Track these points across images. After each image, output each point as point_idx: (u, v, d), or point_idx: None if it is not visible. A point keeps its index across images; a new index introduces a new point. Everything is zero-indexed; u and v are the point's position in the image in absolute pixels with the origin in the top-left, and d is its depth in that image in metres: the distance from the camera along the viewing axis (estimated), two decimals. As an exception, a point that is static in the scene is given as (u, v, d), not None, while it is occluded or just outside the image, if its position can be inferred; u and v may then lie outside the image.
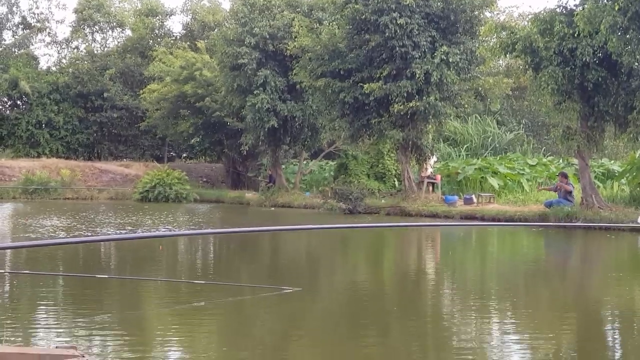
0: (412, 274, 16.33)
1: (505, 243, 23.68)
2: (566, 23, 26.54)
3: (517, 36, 28.16)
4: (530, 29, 28.13)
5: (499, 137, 51.93)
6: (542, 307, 12.10)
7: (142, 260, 16.98)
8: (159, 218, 29.66)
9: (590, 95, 27.32)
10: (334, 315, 11.19)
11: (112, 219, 28.86)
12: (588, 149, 28.79)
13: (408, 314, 11.27)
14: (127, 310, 11.10)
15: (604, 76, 26.50)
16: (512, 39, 28.33)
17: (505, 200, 33.60)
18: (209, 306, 11.36)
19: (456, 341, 9.47)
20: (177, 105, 51.65)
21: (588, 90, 27.05)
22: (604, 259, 19.52)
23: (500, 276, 16.24)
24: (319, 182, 46.55)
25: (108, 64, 64.27)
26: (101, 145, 64.82)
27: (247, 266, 16.66)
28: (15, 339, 8.80)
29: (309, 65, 37.12)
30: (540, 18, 27.99)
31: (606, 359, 8.72)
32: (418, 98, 33.73)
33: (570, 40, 26.38)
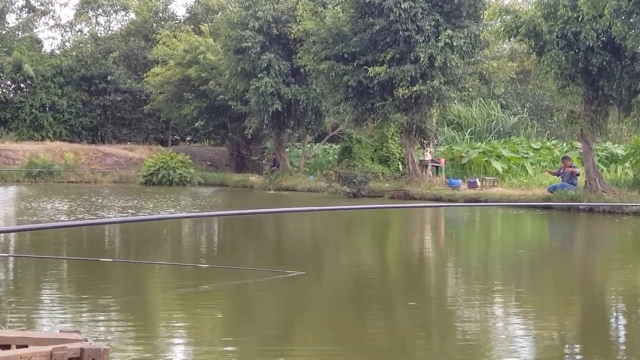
0: (415, 257, 16.32)
1: (509, 226, 23.67)
2: (570, 7, 26.45)
3: (521, 20, 28.09)
4: (534, 12, 28.06)
5: (503, 120, 51.87)
6: (547, 291, 12.09)
7: (146, 244, 16.98)
8: (163, 201, 29.65)
9: (594, 79, 27.26)
10: (338, 299, 11.17)
11: (115, 202, 28.85)
12: (592, 132, 28.75)
13: (412, 297, 11.26)
14: (131, 294, 11.09)
15: (608, 60, 26.44)
16: (516, 23, 28.26)
17: (509, 184, 33.60)
18: (214, 290, 11.35)
19: (460, 324, 9.46)
20: (181, 89, 51.59)
21: (592, 74, 26.99)
22: (607, 242, 19.51)
23: (504, 259, 16.22)
24: (322, 166, 46.52)
25: (112, 47, 64.16)
26: (105, 129, 64.76)
27: (251, 250, 16.66)
28: (19, 323, 8.79)
29: (312, 49, 37.04)
30: (544, 2, 27.90)
31: (611, 342, 8.70)
32: (422, 82, 33.65)
33: (574, 24, 26.30)
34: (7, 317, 8.98)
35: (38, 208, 25.12)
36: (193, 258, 14.60)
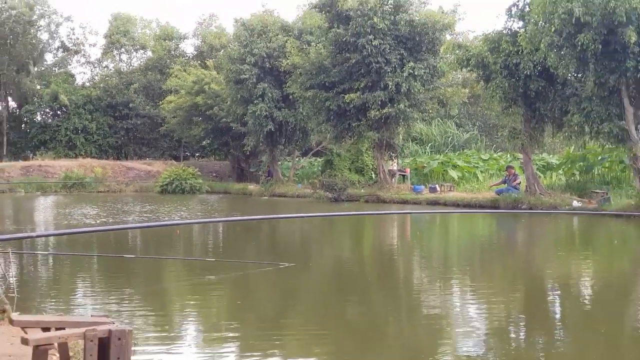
0: (387, 251, 16.32)
1: (465, 224, 23.71)
2: (511, 42, 26.56)
3: (471, 53, 28.20)
4: (481, 47, 28.15)
5: (457, 136, 51.99)
6: (495, 277, 12.12)
7: (162, 242, 16.93)
8: (176, 207, 29.56)
9: (532, 102, 27.34)
10: (323, 285, 11.17)
11: (136, 208, 28.74)
12: (530, 145, 28.85)
13: (385, 284, 11.26)
14: (150, 285, 11.06)
15: (543, 86, 26.54)
16: (467, 56, 28.36)
17: (463, 188, 33.63)
18: (219, 280, 11.33)
19: (424, 303, 9.47)
20: (190, 114, 51.52)
21: (530, 97, 27.08)
22: (544, 237, 19.57)
23: (460, 251, 16.26)
24: (309, 176, 46.46)
25: (133, 80, 64.07)
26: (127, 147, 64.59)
27: (250, 246, 16.64)
28: (57, 310, 8.75)
29: (299, 79, 37.11)
30: (489, 38, 28.01)
31: (548, 318, 8.73)
32: (390, 105, 33.74)
33: (514, 56, 26.40)
34: (47, 305, 8.94)
35: (72, 213, 25.02)
36: (201, 253, 14.56)
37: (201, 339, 7.69)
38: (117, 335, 3.00)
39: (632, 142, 23.68)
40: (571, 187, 28.70)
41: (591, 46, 22.11)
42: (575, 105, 24.74)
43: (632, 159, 24.29)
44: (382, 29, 33.43)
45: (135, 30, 69.10)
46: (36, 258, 13.39)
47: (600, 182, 28.62)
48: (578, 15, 21.79)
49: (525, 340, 7.76)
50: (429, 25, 34.16)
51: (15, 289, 8.92)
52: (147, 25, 70.29)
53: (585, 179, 29.55)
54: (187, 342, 7.53)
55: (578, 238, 19.43)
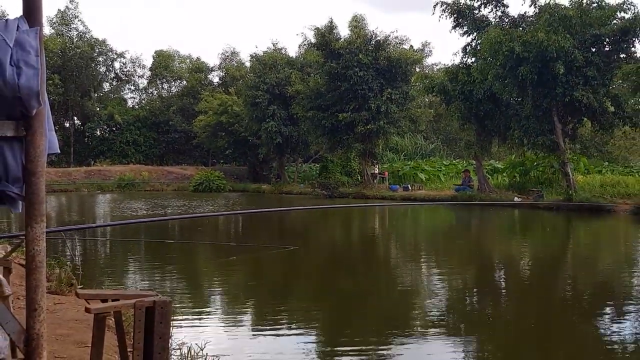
0: (370, 236, 16.34)
1: (430, 216, 23.73)
2: (466, 73, 26.58)
3: (435, 82, 28.23)
4: (443, 77, 28.17)
5: (424, 147, 51.94)
6: (455, 257, 12.14)
7: (195, 230, 16.92)
8: (205, 202, 29.51)
9: (482, 120, 27.34)
10: (320, 264, 11.18)
11: (175, 203, 28.68)
12: (481, 154, 28.86)
13: (367, 265, 11.28)
14: (186, 264, 11.06)
15: (491, 107, 26.55)
16: (432, 84, 28.38)
17: (430, 187, 33.58)
18: (238, 259, 11.33)
19: (399, 282, 9.48)
20: (216, 129, 51.37)
21: (481, 116, 27.10)
22: (492, 226, 19.59)
23: (426, 236, 16.27)
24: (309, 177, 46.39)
25: (171, 103, 63.95)
26: (168, 156, 64.41)
27: (263, 233, 16.64)
28: (113, 284, 8.76)
29: (301, 103, 37.10)
30: (449, 70, 28.04)
31: (495, 289, 8.75)
32: (372, 123, 33.74)
33: (468, 84, 26.42)
34: (105, 280, 8.94)
35: (125, 207, 24.97)
36: (226, 239, 14.56)
37: (225, 306, 7.70)
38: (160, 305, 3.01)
39: (561, 151, 23.73)
40: (513, 187, 28.70)
41: (529, 76, 22.16)
42: (516, 122, 24.76)
43: (561, 165, 24.33)
44: (366, 63, 33.47)
45: (173, 64, 69.00)
46: (96, 243, 13.39)
47: (535, 183, 28.62)
48: (518, 52, 21.84)
49: (477, 306, 7.77)
50: (403, 60, 34.16)
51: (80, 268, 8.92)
52: (183, 61, 70.13)
53: (524, 180, 29.53)
54: (215, 309, 7.53)
55: (518, 226, 19.45)
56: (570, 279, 9.73)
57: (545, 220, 20.27)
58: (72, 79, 59.03)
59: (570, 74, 22.17)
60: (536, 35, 21.52)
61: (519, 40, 22.06)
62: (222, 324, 6.76)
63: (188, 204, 27.89)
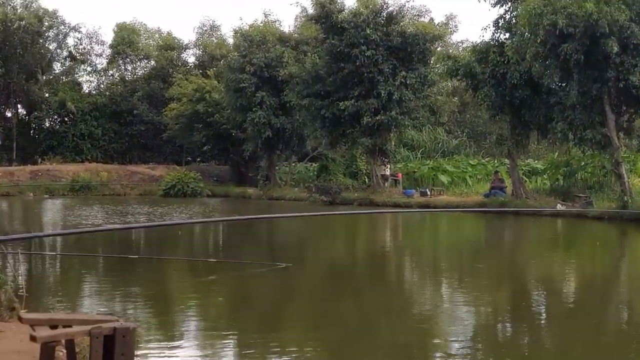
0: (379, 251, 16.33)
1: (453, 226, 23.73)
2: (498, 53, 26.61)
3: (460, 64, 28.26)
4: (469, 58, 28.20)
5: (446, 142, 51.90)
6: (483, 277, 12.12)
7: (164, 243, 16.90)
8: (178, 209, 29.50)
9: (518, 110, 27.37)
10: (317, 285, 11.17)
11: (141, 210, 28.66)
12: (516, 151, 28.88)
13: (377, 282, 11.26)
14: (153, 284, 11.04)
15: (528, 94, 26.58)
16: (456, 66, 28.42)
17: (452, 192, 33.60)
18: (219, 279, 11.31)
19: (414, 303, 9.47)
20: (192, 121, 51.34)
21: (516, 105, 27.11)
22: (530, 239, 19.59)
23: (449, 252, 16.26)
24: (305, 180, 46.34)
25: (137, 88, 63.94)
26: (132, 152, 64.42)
27: (248, 247, 16.62)
28: (65, 307, 8.74)
29: (296, 88, 37.11)
30: (477, 49, 28.08)
31: (533, 317, 8.74)
32: (382, 113, 33.74)
33: (501, 66, 26.45)
34: (55, 303, 8.93)
35: (79, 215, 24.96)
36: (203, 254, 14.54)
37: (201, 337, 7.68)
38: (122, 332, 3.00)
39: (614, 149, 23.72)
40: (555, 191, 28.73)
41: (574, 56, 22.17)
42: (559, 113, 24.77)
43: (614, 165, 24.34)
44: (375, 40, 33.48)
45: (139, 40, 69.04)
46: (44, 258, 13.36)
47: (583, 187, 28.65)
48: (562, 26, 21.86)
49: (511, 337, 7.76)
50: (421, 36, 34.17)
51: (24, 288, 8.90)
52: (151, 36, 70.22)
53: (569, 184, 29.57)
54: (188, 340, 7.52)
55: (562, 239, 19.45)
56: (626, 305, 9.72)
57: (595, 232, 20.27)
58: (14, 58, 59.03)
59: (625, 53, 22.19)
60: (584, 5, 21.54)
61: (563, 12, 22.07)
62: (197, 358, 6.75)
63: (156, 211, 27.87)
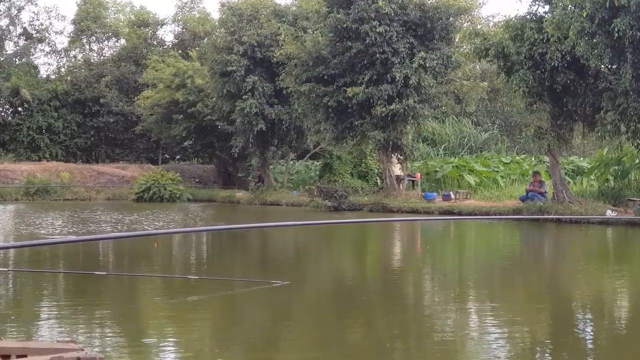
0: (394, 267, 16.30)
1: (482, 236, 23.69)
2: (536, 29, 26.59)
3: (490, 42, 28.22)
4: (502, 35, 28.17)
5: (474, 136, 51.99)
6: (518, 298, 12.09)
7: (137, 257, 16.89)
8: (154, 217, 29.52)
9: (560, 97, 27.37)
10: (321, 307, 11.15)
11: (108, 217, 28.69)
12: (558, 147, 28.86)
13: (391, 305, 11.24)
14: (124, 306, 11.03)
15: (572, 79, 26.56)
16: (485, 45, 28.38)
17: (481, 196, 33.63)
18: (202, 301, 11.30)
19: (437, 331, 9.45)
20: (170, 111, 51.50)
21: (557, 92, 27.10)
22: (573, 251, 19.54)
23: (477, 268, 16.23)
24: (305, 181, 46.49)
25: (104, 72, 64.10)
26: (98, 149, 64.62)
27: (237, 261, 16.60)
28: (19, 334, 8.73)
29: (294, 72, 37.14)
30: (511, 25, 28.04)
31: (579, 349, 8.71)
32: (398, 101, 33.75)
33: (540, 45, 26.42)
34: (7, 329, 8.92)
35: (35, 224, 24.96)
36: (183, 270, 14.52)
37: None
38: (86, 363, 2.99)
39: (674, 144, 23.72)
40: (604, 195, 28.71)
41: (628, 33, 22.15)
42: (609, 101, 24.74)
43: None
44: (389, 13, 33.50)
45: (106, 15, 69.18)
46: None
47: (637, 189, 28.62)
48: (612, -2, 21.85)
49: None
50: (443, 10, 34.20)
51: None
52: (121, 10, 70.47)
53: (621, 186, 29.55)
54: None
55: (612, 252, 19.41)
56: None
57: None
58: (-42, 37, 59.19)
59: (689, 29, 22.18)
60: (638, -27, 21.54)
61: (613, -21, 22.08)
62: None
63: (126, 219, 27.88)
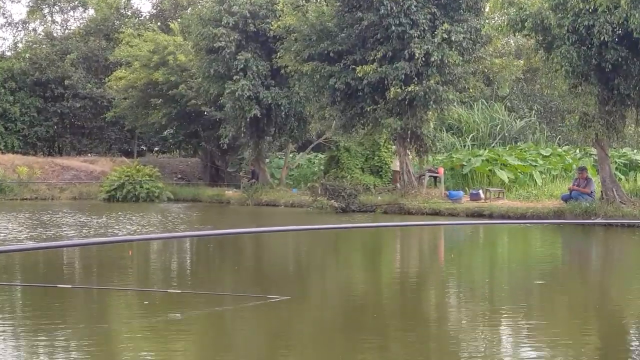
0: (412, 280, 16.29)
1: (517, 243, 23.66)
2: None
3: (527, 13, 28.14)
4: (541, 4, 28.12)
5: (508, 125, 51.96)
6: (560, 317, 12.07)
7: (109, 267, 16.88)
8: (128, 220, 29.54)
9: (609, 78, 27.31)
10: (327, 327, 11.14)
11: (74, 219, 28.70)
12: (607, 137, 28.79)
13: (409, 325, 11.23)
14: (92, 324, 11.02)
15: (624, 56, 26.50)
16: (521, 16, 28.29)
17: (516, 195, 33.58)
18: (186, 318, 11.29)
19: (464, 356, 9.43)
20: (147, 94, 51.52)
21: (606, 71, 27.04)
22: (626, 261, 19.51)
23: (511, 281, 16.21)
24: (307, 178, 46.48)
25: (69, 48, 64.08)
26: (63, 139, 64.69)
27: (228, 273, 16.60)
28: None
29: (294, 48, 37.07)
30: (552, -8, 28.00)
31: (632, 373, 8.71)
32: (417, 82, 33.68)
33: (586, 16, 26.36)
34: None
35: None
36: (163, 283, 14.52)
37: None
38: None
39: None
40: (662, 194, 28.72)
41: (691, 2, 22.14)
42: (667, 82, 24.73)
43: None
44: (407, -22, 33.53)
45: (73, -20, 69.23)
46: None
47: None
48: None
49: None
50: (470, -27, 34.23)
51: None
52: (89, -25, 70.41)
53: (682, 183, 29.57)
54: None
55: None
56: None
57: None
58: None
59: None
60: None
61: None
62: None
63: (94, 222, 27.89)
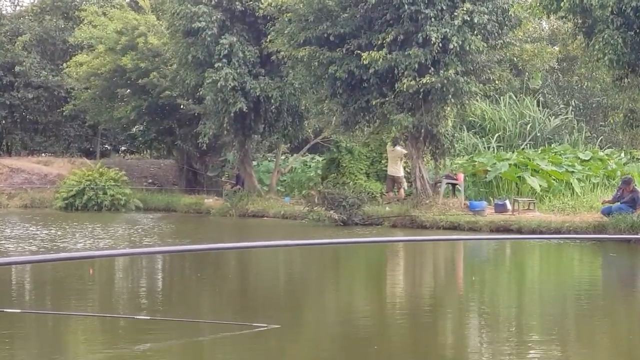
0: (425, 307, 16.33)
1: (550, 263, 23.71)
2: (629, -27, 26.65)
3: (563, -8, 28.26)
4: (581, -20, 28.23)
5: (540, 123, 51.99)
6: (599, 348, 12.12)
7: (66, 289, 16.91)
8: (89, 232, 29.55)
9: (661, 68, 27.43)
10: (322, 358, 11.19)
11: (21, 232, 28.72)
12: (658, 138, 28.91)
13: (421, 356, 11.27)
14: (45, 356, 11.05)
15: (679, 43, 26.62)
16: (557, -4, 28.42)
17: (550, 206, 33.57)
18: (157, 349, 11.33)
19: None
20: (113, 83, 51.53)
21: (658, 61, 27.16)
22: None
23: (543, 306, 16.26)
24: (302, 184, 46.53)
25: (21, 29, 64.18)
26: (12, 136, 64.71)
27: (207, 296, 16.64)
28: None
29: (288, 30, 37.07)
30: (594, -34, 28.09)
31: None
32: (433, 71, 33.67)
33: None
34: None
35: None
36: (129, 308, 14.55)
37: None
38: None
39: None
40: None
41: None
42: None
43: None
44: (420, -50, 33.63)
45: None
46: None
47: None
48: None
49: None
50: (497, -57, 34.35)
51: None
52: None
53: None
54: None
55: None
56: None
57: None
58: None
59: None
60: None
61: None
62: None
63: (53, 235, 27.92)
